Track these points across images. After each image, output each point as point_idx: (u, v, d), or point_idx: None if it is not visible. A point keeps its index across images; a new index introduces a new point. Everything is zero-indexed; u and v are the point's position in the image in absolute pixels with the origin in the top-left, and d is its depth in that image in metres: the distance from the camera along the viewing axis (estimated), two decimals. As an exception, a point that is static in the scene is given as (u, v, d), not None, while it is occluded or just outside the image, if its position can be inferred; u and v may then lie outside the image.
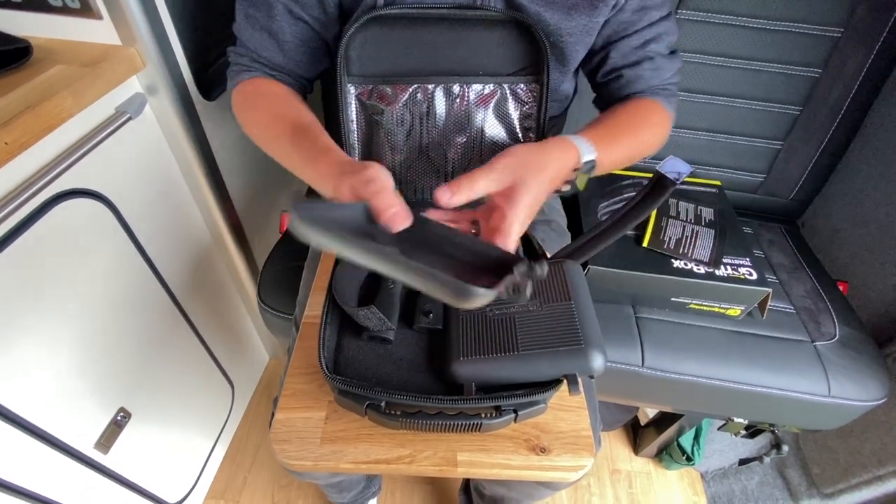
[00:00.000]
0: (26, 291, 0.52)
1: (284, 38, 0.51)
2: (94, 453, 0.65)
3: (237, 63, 0.54)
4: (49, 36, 0.57)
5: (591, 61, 0.58)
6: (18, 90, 0.49)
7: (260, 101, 0.53)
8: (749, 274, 0.69)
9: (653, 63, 0.55)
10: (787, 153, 0.88)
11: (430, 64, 0.52)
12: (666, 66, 0.56)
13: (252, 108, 0.53)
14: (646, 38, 0.54)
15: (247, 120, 0.53)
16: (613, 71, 0.56)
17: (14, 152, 0.46)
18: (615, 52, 0.55)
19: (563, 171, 0.45)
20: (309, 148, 0.46)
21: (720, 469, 1.09)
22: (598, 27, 0.52)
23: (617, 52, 0.55)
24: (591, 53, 0.57)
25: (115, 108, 0.59)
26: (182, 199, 0.77)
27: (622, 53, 0.55)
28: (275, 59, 0.53)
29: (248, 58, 0.53)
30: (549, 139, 0.46)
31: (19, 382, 0.53)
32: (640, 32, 0.54)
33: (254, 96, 0.53)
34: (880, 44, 0.76)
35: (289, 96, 0.53)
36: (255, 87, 0.53)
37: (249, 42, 0.53)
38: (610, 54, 0.55)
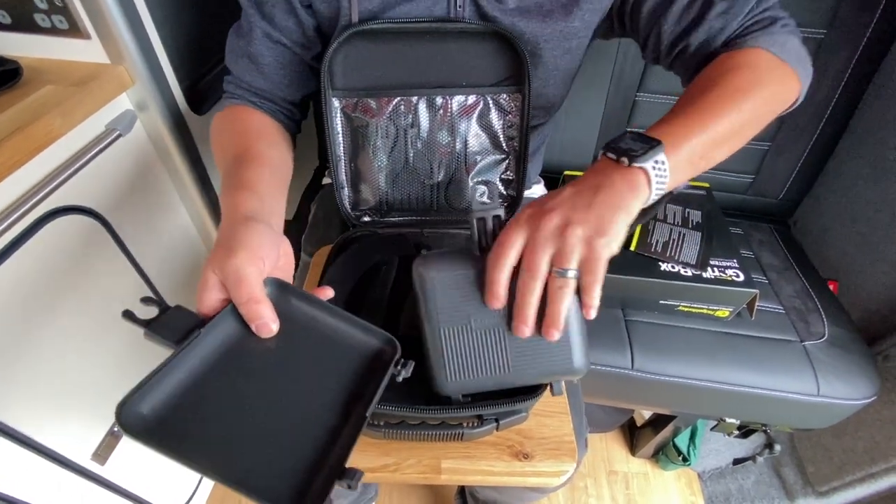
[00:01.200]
0: (21, 307, 0.53)
1: (264, 62, 0.51)
2: (90, 465, 0.66)
3: (225, 91, 0.55)
4: (38, 56, 0.59)
5: (648, 46, 0.50)
6: (8, 111, 0.50)
7: (225, 126, 0.52)
8: (736, 275, 0.70)
9: (715, 9, 0.43)
10: (774, 154, 0.89)
11: (413, 76, 0.53)
12: (734, 2, 0.43)
13: (219, 132, 0.52)
14: None
15: (213, 145, 0.53)
16: (676, 44, 0.47)
17: (4, 174, 0.47)
18: (666, 23, 0.46)
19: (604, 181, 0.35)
20: (229, 177, 0.43)
21: (716, 469, 1.09)
22: (577, 31, 0.51)
23: (668, 22, 0.46)
24: (645, 38, 0.49)
25: (106, 126, 0.60)
26: (174, 213, 0.78)
27: (674, 20, 0.45)
28: (256, 82, 0.53)
29: (234, 84, 0.54)
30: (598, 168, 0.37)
31: (14, 396, 0.54)
32: None
33: (227, 122, 0.53)
34: (864, 44, 0.77)
35: (259, 126, 0.52)
36: (232, 113, 0.53)
37: (234, 69, 0.53)
38: (663, 27, 0.46)
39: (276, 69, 0.52)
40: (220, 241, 0.35)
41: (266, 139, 0.50)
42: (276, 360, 0.35)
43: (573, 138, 0.92)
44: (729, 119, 0.38)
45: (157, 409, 0.30)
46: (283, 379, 0.34)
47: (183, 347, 0.32)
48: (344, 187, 0.59)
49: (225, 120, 0.53)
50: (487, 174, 0.58)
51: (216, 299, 0.34)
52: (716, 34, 0.44)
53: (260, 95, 0.53)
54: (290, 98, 0.55)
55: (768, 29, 0.43)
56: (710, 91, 0.39)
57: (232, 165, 0.45)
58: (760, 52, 0.41)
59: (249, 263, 0.33)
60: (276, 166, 0.47)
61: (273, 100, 0.54)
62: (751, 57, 0.41)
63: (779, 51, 0.42)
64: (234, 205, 0.38)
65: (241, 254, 0.32)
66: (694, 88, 0.41)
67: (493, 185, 0.59)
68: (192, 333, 0.32)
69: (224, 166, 0.46)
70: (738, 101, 0.38)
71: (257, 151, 0.46)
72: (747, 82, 0.39)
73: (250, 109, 0.53)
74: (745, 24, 0.44)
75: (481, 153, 0.57)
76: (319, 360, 0.36)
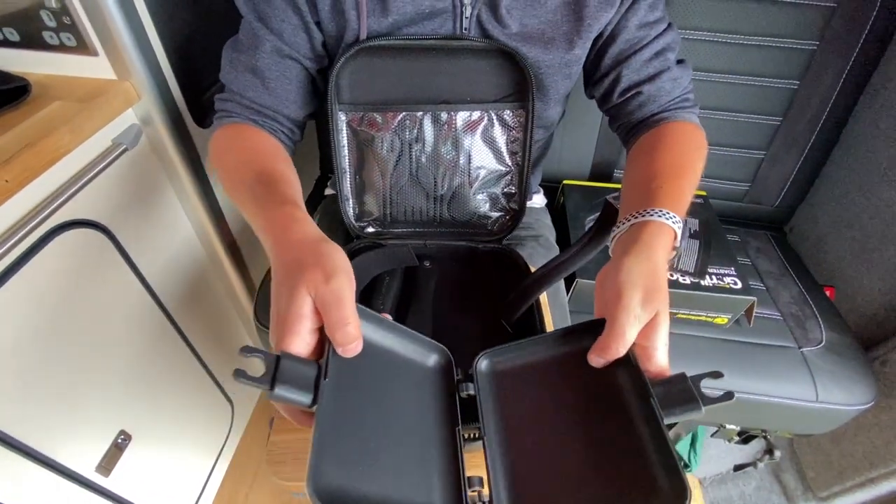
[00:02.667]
0: (28, 319, 0.54)
1: (270, 76, 0.51)
2: (95, 476, 0.66)
3: (221, 109, 0.53)
4: (46, 72, 0.59)
5: (602, 84, 0.56)
6: (18, 128, 0.51)
7: (233, 144, 0.50)
8: (734, 283, 0.71)
9: (670, 73, 0.53)
10: (769, 162, 0.90)
11: (419, 92, 0.54)
12: (682, 75, 0.54)
13: (224, 150, 0.50)
14: (657, 50, 0.53)
15: (218, 165, 0.50)
16: (630, 88, 0.54)
17: (14, 190, 0.47)
18: (628, 70, 0.53)
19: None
20: (266, 195, 0.41)
21: (718, 474, 1.10)
22: (579, 60, 0.53)
23: (630, 69, 0.53)
24: (602, 76, 0.55)
25: (112, 140, 0.61)
26: (179, 224, 0.78)
27: (635, 69, 0.53)
28: (260, 98, 0.51)
29: (233, 102, 0.52)
30: (648, 233, 0.40)
31: (19, 408, 0.54)
32: (650, 45, 0.52)
33: (228, 140, 0.51)
34: (855, 55, 0.78)
35: (267, 146, 0.51)
36: (235, 131, 0.51)
37: (234, 84, 0.52)
38: (622, 73, 0.53)
39: (283, 84, 0.52)
40: (302, 261, 0.32)
41: (281, 160, 0.49)
42: (373, 385, 0.34)
43: (572, 148, 0.93)
44: (696, 175, 0.50)
45: (337, 476, 0.28)
46: (386, 403, 0.34)
47: (321, 405, 0.29)
48: (349, 199, 0.60)
49: (229, 139, 0.51)
50: (490, 188, 0.59)
51: (309, 328, 0.31)
52: (664, 94, 0.54)
53: (262, 113, 0.52)
54: (293, 116, 0.54)
55: (692, 109, 0.56)
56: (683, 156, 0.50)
57: (260, 184, 0.43)
58: (694, 126, 0.54)
59: (348, 286, 0.32)
60: (298, 188, 0.46)
61: (275, 118, 0.53)
62: (691, 128, 0.53)
63: (699, 124, 0.56)
64: (293, 222, 0.37)
65: (341, 276, 0.32)
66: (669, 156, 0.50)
67: (495, 197, 0.60)
68: (318, 386, 0.30)
69: (244, 185, 0.44)
70: (697, 168, 0.50)
71: (280, 171, 0.45)
72: (700, 152, 0.52)
73: (253, 128, 0.52)
74: (682, 96, 0.55)
75: (484, 167, 0.58)
76: (397, 377, 0.36)
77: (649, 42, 0.52)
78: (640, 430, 0.31)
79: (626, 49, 0.53)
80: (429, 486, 0.31)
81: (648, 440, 0.30)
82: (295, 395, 0.29)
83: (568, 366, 0.37)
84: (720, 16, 0.77)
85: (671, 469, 0.28)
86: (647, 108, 0.55)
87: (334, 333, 0.31)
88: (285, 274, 0.33)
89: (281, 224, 0.37)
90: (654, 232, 0.40)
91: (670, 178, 0.46)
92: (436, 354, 0.39)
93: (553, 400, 0.36)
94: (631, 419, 0.32)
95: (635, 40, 0.52)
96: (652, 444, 0.30)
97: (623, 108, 0.56)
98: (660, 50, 0.53)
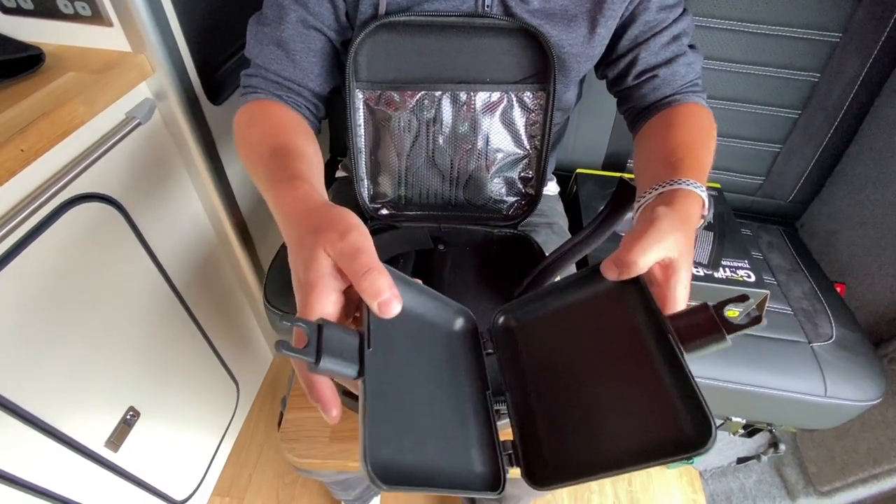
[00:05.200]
0: (40, 293, 0.53)
1: (294, 48, 0.50)
2: (104, 451, 0.66)
3: (246, 85, 0.53)
4: (60, 43, 0.59)
5: (618, 66, 0.56)
6: (32, 97, 0.50)
7: (256, 120, 0.50)
8: (747, 276, 0.70)
9: (686, 58, 0.54)
10: (785, 156, 0.89)
11: (438, 71, 0.53)
12: (695, 60, 0.55)
13: (248, 125, 0.49)
14: (674, 34, 0.53)
15: (240, 142, 0.49)
16: (647, 71, 0.54)
17: (30, 159, 0.47)
18: (646, 52, 0.53)
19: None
20: (278, 170, 0.40)
21: (719, 467, 1.10)
22: (602, 39, 0.52)
23: (648, 52, 0.53)
24: (618, 58, 0.55)
25: (126, 114, 0.60)
26: (189, 202, 0.78)
27: (653, 52, 0.53)
28: (285, 71, 0.51)
29: (258, 77, 0.52)
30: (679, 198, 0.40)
31: (33, 382, 0.54)
32: (668, 28, 0.53)
33: (253, 116, 0.50)
34: (878, 48, 0.77)
35: (289, 120, 0.50)
36: (259, 107, 0.51)
37: (259, 58, 0.51)
38: (640, 55, 0.53)
39: (307, 56, 0.51)
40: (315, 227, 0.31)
41: (301, 135, 0.48)
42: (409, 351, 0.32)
43: (586, 137, 0.92)
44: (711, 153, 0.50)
45: (389, 449, 0.27)
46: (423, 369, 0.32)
47: (368, 377, 0.27)
48: (363, 180, 0.59)
49: (253, 114, 0.50)
50: (507, 171, 0.59)
51: (334, 288, 0.30)
52: (678, 78, 0.54)
53: (287, 88, 0.52)
54: (317, 90, 0.54)
55: (701, 94, 0.56)
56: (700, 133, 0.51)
57: (274, 158, 0.42)
58: (704, 108, 0.55)
59: (366, 239, 0.30)
60: (317, 163, 0.46)
61: (300, 93, 0.53)
62: (702, 109, 0.54)
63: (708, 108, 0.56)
64: (303, 196, 0.36)
65: (355, 231, 0.30)
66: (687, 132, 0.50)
67: (512, 182, 0.60)
68: (363, 357, 0.28)
69: (261, 161, 0.43)
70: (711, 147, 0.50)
71: (297, 147, 0.44)
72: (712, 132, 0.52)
73: (278, 104, 0.51)
74: (694, 80, 0.55)
75: (502, 150, 0.57)
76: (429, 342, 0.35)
77: (668, 25, 0.52)
78: (660, 369, 0.30)
79: (646, 31, 0.53)
80: (468, 453, 0.31)
81: (670, 379, 0.29)
82: (341, 367, 0.26)
83: (583, 312, 0.36)
84: (743, 4, 0.76)
85: (695, 407, 0.27)
86: (661, 91, 0.55)
87: (361, 283, 0.28)
88: (300, 244, 0.32)
89: (290, 199, 0.36)
90: (685, 198, 0.40)
91: (691, 152, 0.46)
92: (462, 318, 0.38)
93: (571, 347, 0.35)
94: (651, 359, 0.31)
95: (654, 23, 0.52)
96: (674, 382, 0.29)
97: (636, 90, 0.56)
98: (677, 34, 0.53)
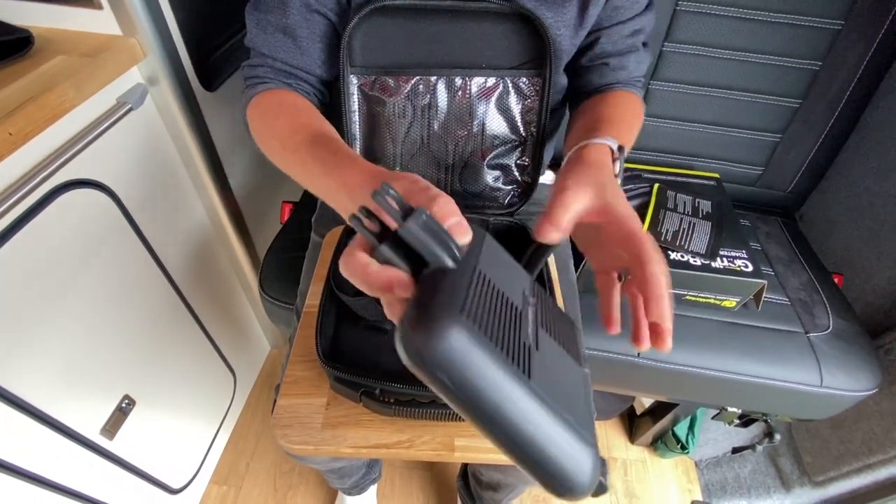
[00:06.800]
0: (31, 281, 0.53)
1: (301, 35, 0.49)
2: (99, 439, 0.66)
3: (252, 76, 0.51)
4: (49, 26, 0.58)
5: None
6: (21, 80, 0.50)
7: (280, 110, 0.49)
8: (745, 266, 0.70)
9: (637, 55, 0.56)
10: (785, 146, 0.89)
11: (433, 56, 0.52)
12: (644, 59, 0.57)
13: (272, 117, 0.48)
14: (635, 28, 0.54)
15: (264, 131, 0.48)
16: (601, 57, 0.56)
17: (18, 143, 0.46)
18: (605, 39, 0.54)
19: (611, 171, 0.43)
20: (334, 154, 0.40)
21: (714, 457, 1.11)
22: (591, 20, 0.52)
23: (608, 39, 0.54)
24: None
25: (117, 99, 0.59)
26: (183, 190, 0.77)
27: (613, 41, 0.55)
28: (292, 59, 0.50)
29: (265, 67, 0.51)
30: (585, 154, 0.42)
31: (26, 369, 0.54)
32: (632, 21, 0.54)
33: (273, 106, 0.49)
34: (881, 37, 0.76)
35: (309, 107, 0.50)
36: (275, 97, 0.50)
37: (264, 48, 0.50)
38: (600, 40, 0.54)
39: (313, 42, 0.50)
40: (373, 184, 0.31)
41: (325, 121, 0.47)
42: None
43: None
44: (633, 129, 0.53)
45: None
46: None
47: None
48: (358, 167, 0.58)
49: (271, 105, 0.49)
50: (503, 159, 0.58)
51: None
52: (625, 71, 0.56)
53: (295, 76, 0.51)
54: (324, 76, 0.53)
55: (642, 83, 0.60)
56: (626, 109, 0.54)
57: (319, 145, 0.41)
58: (640, 99, 0.58)
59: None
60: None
61: (308, 80, 0.52)
62: (638, 100, 0.58)
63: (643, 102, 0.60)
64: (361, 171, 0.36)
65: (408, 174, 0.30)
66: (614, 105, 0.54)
67: (508, 169, 0.59)
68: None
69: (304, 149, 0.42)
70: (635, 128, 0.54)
71: (330, 131, 0.44)
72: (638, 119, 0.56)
73: (292, 93, 0.50)
74: (638, 77, 0.58)
75: (498, 137, 0.56)
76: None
77: (632, 17, 0.54)
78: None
79: (613, 16, 0.53)
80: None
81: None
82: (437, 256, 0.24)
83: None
84: (744, -9, 0.75)
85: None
86: (606, 79, 0.57)
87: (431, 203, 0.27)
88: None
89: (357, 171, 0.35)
90: (593, 150, 0.43)
91: (612, 123, 0.50)
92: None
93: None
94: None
95: (622, 9, 0.53)
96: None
97: (584, 73, 0.58)
98: (637, 29, 0.54)
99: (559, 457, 0.21)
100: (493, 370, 0.21)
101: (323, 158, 0.40)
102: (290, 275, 0.75)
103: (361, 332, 0.49)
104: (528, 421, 0.21)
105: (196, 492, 0.98)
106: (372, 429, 0.44)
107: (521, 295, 0.28)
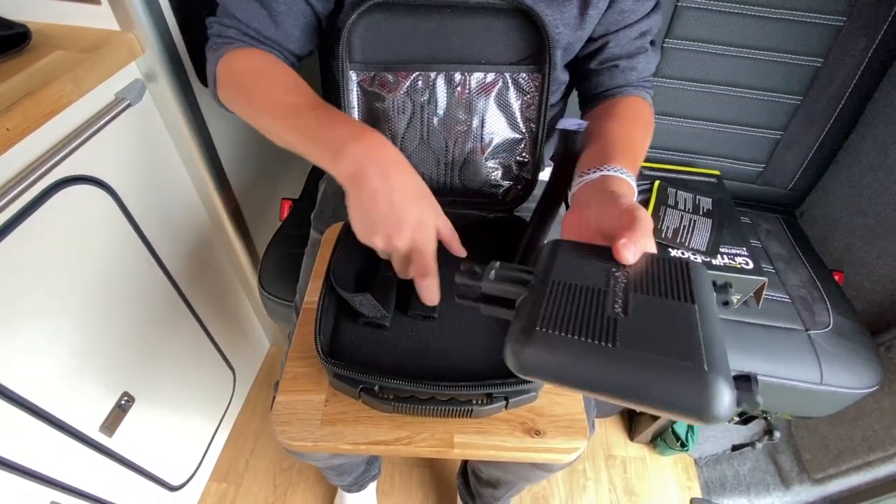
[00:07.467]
0: (30, 278, 0.53)
1: (278, 10, 0.49)
2: (99, 436, 0.66)
3: (222, 35, 0.50)
4: (47, 21, 0.57)
5: (587, 49, 0.57)
6: (18, 76, 0.49)
7: (265, 67, 0.48)
8: (745, 263, 0.70)
9: (646, 56, 0.57)
10: (786, 143, 0.88)
11: (433, 51, 0.52)
12: (654, 59, 0.58)
13: (256, 75, 0.47)
14: (643, 30, 0.55)
15: (242, 90, 0.47)
16: (610, 60, 0.57)
17: (15, 139, 0.46)
18: (614, 42, 0.55)
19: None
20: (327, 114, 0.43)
21: (713, 455, 1.11)
22: (593, 21, 0.52)
23: (616, 43, 0.55)
24: (588, 42, 0.57)
25: (115, 95, 0.59)
26: (182, 186, 0.77)
27: (621, 43, 0.55)
28: (266, 30, 0.50)
29: (236, 30, 0.50)
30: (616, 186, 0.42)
31: (25, 366, 0.54)
32: (638, 23, 0.54)
33: (256, 62, 0.49)
34: (882, 34, 0.76)
35: (288, 67, 0.50)
36: (250, 55, 0.49)
37: (238, 12, 0.49)
38: (609, 44, 0.55)
39: (290, 19, 0.50)
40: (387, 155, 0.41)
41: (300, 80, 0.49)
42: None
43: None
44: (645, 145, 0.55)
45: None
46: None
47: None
48: (357, 164, 0.58)
49: (257, 61, 0.49)
50: (503, 155, 0.58)
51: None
52: (636, 72, 0.57)
53: (265, 44, 0.51)
54: (297, 51, 0.53)
55: (650, 89, 0.60)
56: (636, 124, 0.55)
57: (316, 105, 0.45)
58: (648, 103, 0.59)
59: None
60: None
61: (280, 52, 0.52)
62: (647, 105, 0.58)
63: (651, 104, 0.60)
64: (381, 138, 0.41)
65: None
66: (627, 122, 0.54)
67: (508, 165, 0.59)
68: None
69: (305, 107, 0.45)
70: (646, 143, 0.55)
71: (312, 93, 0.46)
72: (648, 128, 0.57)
73: (265, 52, 0.50)
74: (647, 77, 0.59)
75: (498, 133, 0.56)
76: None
77: (639, 19, 0.54)
78: None
79: (620, 20, 0.54)
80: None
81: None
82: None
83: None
84: (746, -13, 0.75)
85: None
86: (616, 80, 0.57)
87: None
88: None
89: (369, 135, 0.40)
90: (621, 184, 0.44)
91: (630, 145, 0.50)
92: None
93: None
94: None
95: (629, 12, 0.53)
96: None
97: (596, 75, 0.59)
98: (645, 31, 0.55)
99: (675, 397, 0.24)
100: (573, 358, 0.25)
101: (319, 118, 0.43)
102: (290, 272, 0.75)
103: (361, 329, 0.49)
104: (628, 378, 0.25)
105: (195, 489, 0.98)
106: (371, 425, 0.44)
107: (604, 276, 0.31)
